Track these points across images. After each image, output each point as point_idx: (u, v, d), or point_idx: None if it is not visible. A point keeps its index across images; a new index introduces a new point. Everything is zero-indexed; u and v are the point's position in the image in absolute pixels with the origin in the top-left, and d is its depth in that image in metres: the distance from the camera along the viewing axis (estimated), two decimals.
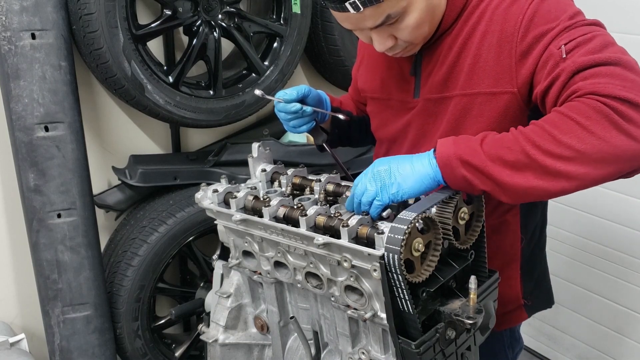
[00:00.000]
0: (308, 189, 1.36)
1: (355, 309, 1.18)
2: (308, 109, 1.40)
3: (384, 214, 1.17)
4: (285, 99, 1.39)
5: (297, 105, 1.39)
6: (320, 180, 1.35)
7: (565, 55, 1.09)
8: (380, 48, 1.25)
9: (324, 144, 1.49)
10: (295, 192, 1.38)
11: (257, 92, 1.49)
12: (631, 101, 0.99)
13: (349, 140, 1.66)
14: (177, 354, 2.30)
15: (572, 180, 1.01)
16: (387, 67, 1.43)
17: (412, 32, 1.22)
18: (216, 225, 1.44)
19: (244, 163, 1.58)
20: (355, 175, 1.32)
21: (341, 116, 1.44)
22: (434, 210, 1.12)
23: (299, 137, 2.39)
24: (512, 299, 1.46)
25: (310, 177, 1.40)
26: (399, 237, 1.01)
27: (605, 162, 1.00)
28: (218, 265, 1.54)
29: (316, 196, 1.32)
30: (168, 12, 1.95)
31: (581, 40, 1.09)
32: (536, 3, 1.17)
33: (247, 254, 1.39)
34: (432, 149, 1.14)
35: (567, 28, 1.13)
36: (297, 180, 1.39)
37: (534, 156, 1.02)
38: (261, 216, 1.26)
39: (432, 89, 1.32)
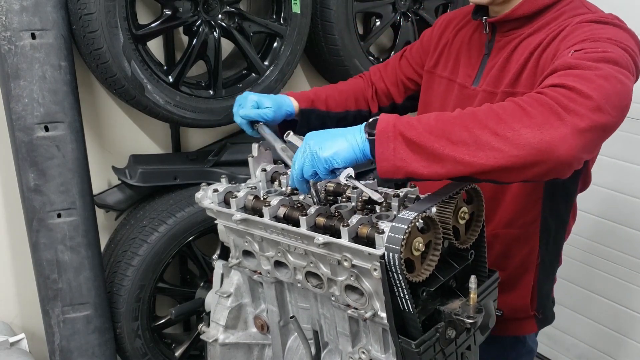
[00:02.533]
0: None
1: (355, 308, 1.18)
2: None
3: (344, 176, 1.10)
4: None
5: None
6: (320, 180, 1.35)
7: (570, 55, 1.12)
8: None
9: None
10: (295, 191, 1.38)
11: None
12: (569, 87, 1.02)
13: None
14: (177, 353, 2.30)
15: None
16: (464, 50, 1.47)
17: None
18: (216, 224, 1.44)
19: (244, 163, 1.58)
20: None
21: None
22: (434, 209, 1.12)
23: (299, 137, 2.38)
24: (522, 308, 1.48)
25: None
26: (400, 236, 1.01)
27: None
28: (218, 265, 1.54)
29: None
30: (168, 12, 1.95)
31: (590, 49, 1.11)
32: (581, 22, 1.22)
33: (247, 253, 1.40)
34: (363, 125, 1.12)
35: (590, 40, 1.15)
36: None
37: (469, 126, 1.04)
38: (261, 216, 1.26)
39: (497, 81, 1.35)
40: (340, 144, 1.08)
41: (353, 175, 1.09)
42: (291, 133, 1.32)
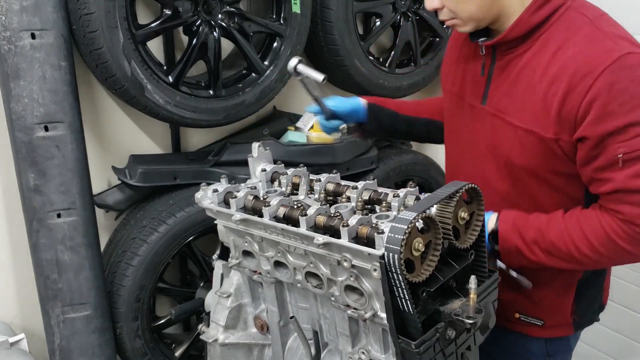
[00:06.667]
0: None
1: (355, 308, 1.18)
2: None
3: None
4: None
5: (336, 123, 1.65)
6: (320, 180, 1.35)
7: (621, 165, 1.19)
8: (428, 5, 1.31)
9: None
10: (295, 192, 1.38)
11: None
12: None
13: (392, 133, 1.80)
14: (177, 353, 2.30)
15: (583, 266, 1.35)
16: (470, 68, 1.45)
17: (458, 3, 1.26)
18: (216, 225, 1.44)
19: (244, 163, 1.58)
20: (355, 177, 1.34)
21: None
22: (434, 209, 1.12)
23: (299, 137, 2.38)
24: (562, 313, 1.49)
25: (310, 176, 1.40)
26: (399, 236, 1.01)
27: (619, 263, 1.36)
28: (218, 265, 1.54)
29: (316, 196, 1.32)
30: (168, 12, 1.95)
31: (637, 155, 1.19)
32: (611, 73, 1.17)
33: (247, 253, 1.40)
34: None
35: (633, 124, 1.16)
36: (297, 180, 1.39)
37: (571, 253, 1.29)
38: (261, 216, 1.26)
39: (505, 107, 1.35)
40: None
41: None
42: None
